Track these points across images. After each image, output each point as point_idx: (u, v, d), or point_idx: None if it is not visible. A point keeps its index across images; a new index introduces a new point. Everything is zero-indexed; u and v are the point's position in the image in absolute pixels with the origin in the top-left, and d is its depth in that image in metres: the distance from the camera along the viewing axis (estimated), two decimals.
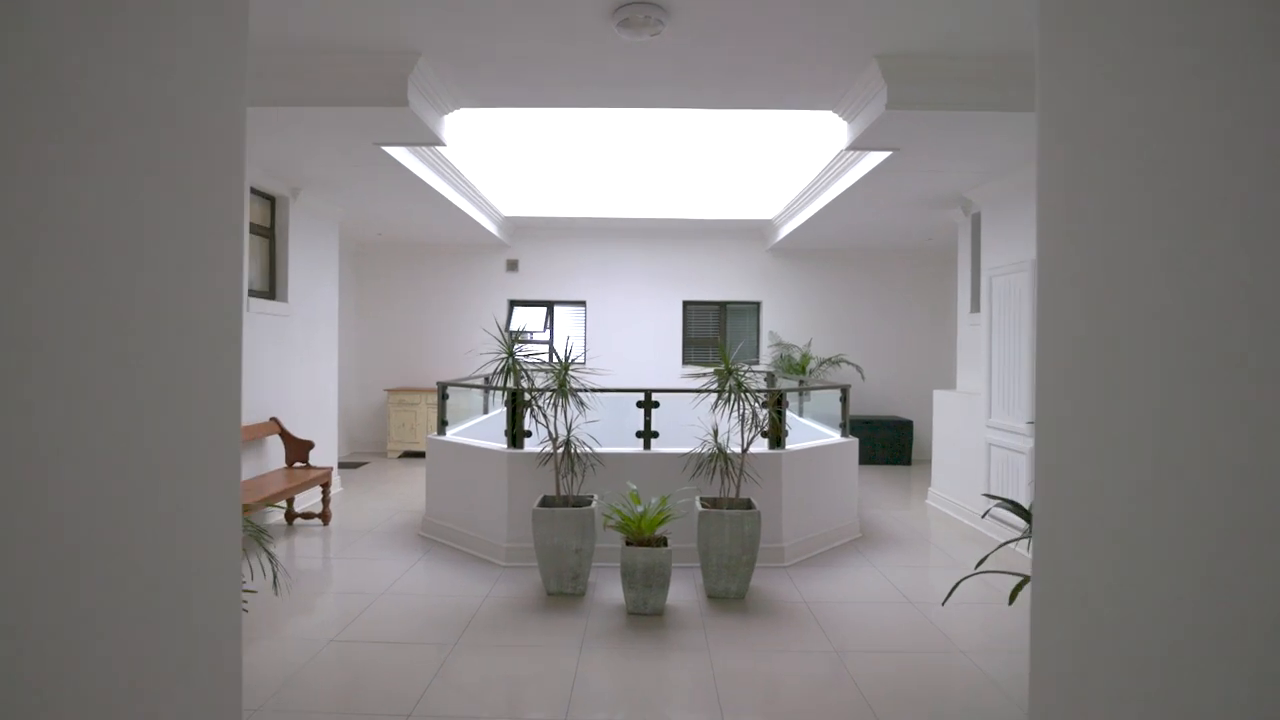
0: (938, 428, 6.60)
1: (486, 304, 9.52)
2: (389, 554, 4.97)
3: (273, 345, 5.79)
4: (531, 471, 4.62)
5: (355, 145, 4.74)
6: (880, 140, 4.49)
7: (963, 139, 4.45)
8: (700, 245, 9.50)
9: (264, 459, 5.69)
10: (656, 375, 9.35)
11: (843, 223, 7.71)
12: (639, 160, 8.72)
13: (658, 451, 4.77)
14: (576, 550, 4.07)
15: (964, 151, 4.74)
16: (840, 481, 5.33)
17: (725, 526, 4.04)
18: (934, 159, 4.93)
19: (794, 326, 9.52)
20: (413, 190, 6.22)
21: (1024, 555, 4.18)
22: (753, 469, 4.57)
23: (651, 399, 4.82)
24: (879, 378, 9.33)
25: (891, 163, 5.04)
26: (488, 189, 7.98)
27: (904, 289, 9.51)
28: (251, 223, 5.65)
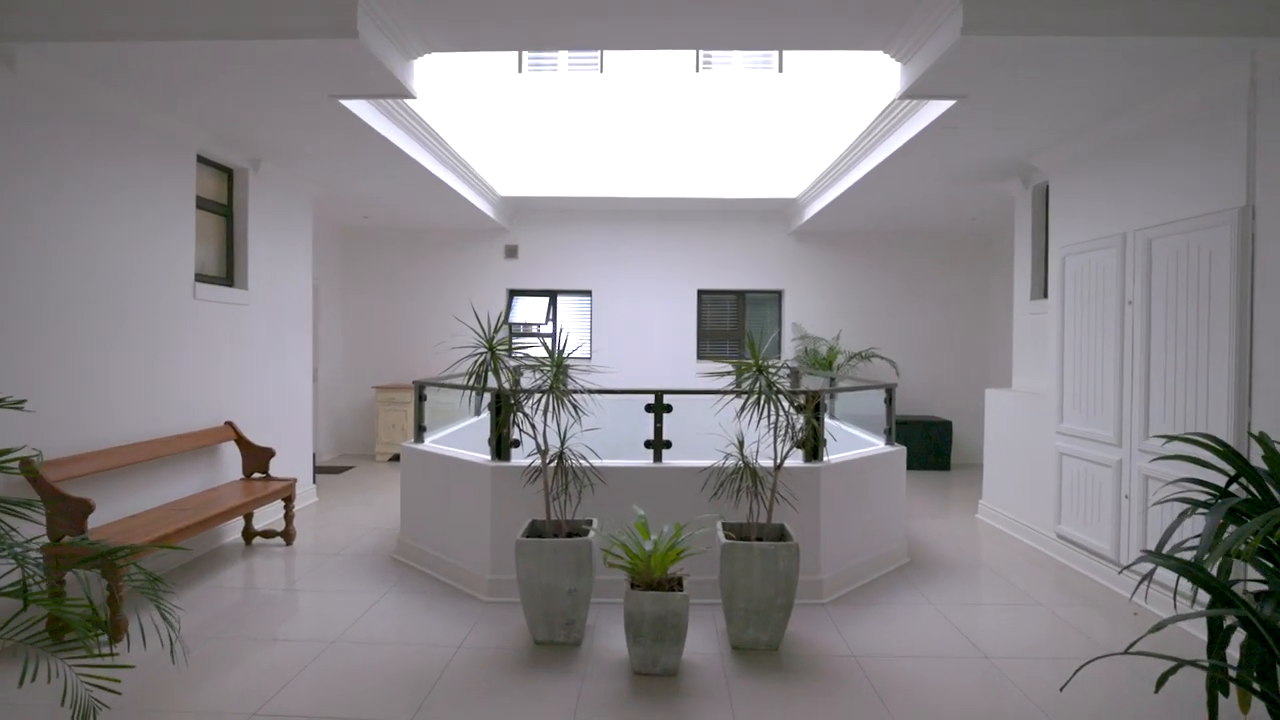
0: (990, 432, 5.75)
1: (484, 294, 8.75)
2: (355, 583, 4.23)
3: (228, 338, 5.04)
4: (519, 489, 3.84)
5: (309, 98, 3.96)
6: (943, 84, 3.65)
7: (1045, 81, 3.60)
8: (717, 228, 8.67)
9: (217, 469, 4.95)
10: (668, 371, 8.56)
11: (876, 202, 6.86)
12: (649, 134, 7.90)
13: (671, 465, 3.98)
14: (570, 591, 3.29)
15: (1042, 100, 3.89)
16: (886, 498, 4.52)
17: (755, 563, 3.24)
18: (1003, 112, 4.08)
19: (819, 317, 8.68)
20: (392, 163, 5.45)
21: (1187, 633, 3.38)
22: (786, 487, 3.77)
23: (663, 402, 4.03)
24: (914, 374, 8.47)
25: (949, 119, 4.19)
26: (483, 166, 7.20)
27: (942, 276, 8.64)
28: (202, 197, 4.90)
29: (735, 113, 7.85)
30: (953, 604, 3.93)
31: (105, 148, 3.92)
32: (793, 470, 3.87)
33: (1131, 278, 4.04)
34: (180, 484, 4.57)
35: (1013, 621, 3.70)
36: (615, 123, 7.90)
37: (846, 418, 5.65)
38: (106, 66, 3.52)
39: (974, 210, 7.11)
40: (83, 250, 3.79)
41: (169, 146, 4.40)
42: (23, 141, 3.43)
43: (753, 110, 7.84)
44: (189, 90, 3.84)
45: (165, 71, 3.59)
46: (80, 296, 3.77)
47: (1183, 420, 3.62)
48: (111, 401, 4.00)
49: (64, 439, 3.68)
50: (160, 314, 4.37)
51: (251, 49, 3.31)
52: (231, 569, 4.45)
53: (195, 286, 4.67)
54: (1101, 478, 4.25)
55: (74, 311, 3.74)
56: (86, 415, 3.82)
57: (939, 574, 4.44)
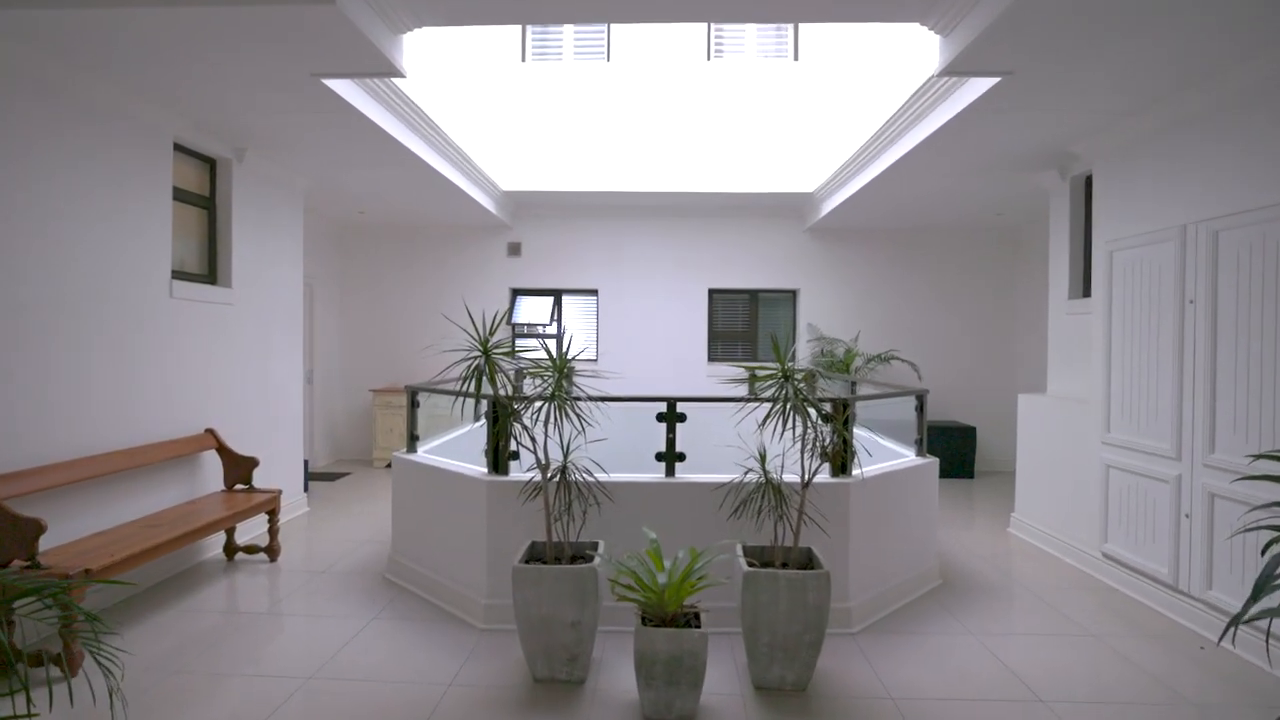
0: (1024, 440, 5.37)
1: (486, 293, 8.42)
2: (340, 607, 3.89)
3: (210, 339, 4.72)
4: (518, 506, 3.50)
5: (290, 78, 3.63)
6: (989, 59, 3.28)
7: (1109, 49, 3.23)
8: (729, 224, 8.31)
9: (197, 480, 4.63)
10: (677, 374, 8.21)
11: (898, 197, 6.49)
12: (658, 126, 7.54)
13: (685, 480, 3.63)
14: (573, 624, 2.94)
15: (1099, 75, 3.51)
16: (918, 515, 4.15)
17: (781, 594, 2.88)
18: (1050, 91, 3.70)
19: (836, 318, 8.30)
20: (386, 153, 5.12)
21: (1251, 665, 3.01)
22: (814, 506, 3.41)
23: (676, 410, 3.67)
24: (936, 377, 8.09)
25: (987, 102, 3.83)
26: (484, 159, 6.86)
27: (966, 274, 8.25)
28: (181, 188, 4.58)
29: (748, 103, 7.49)
30: (995, 634, 3.56)
31: (66, 132, 3.59)
32: (818, 486, 3.50)
33: (1194, 274, 3.66)
34: (156, 497, 4.25)
35: (1065, 656, 3.32)
36: (623, 114, 7.55)
37: (866, 424, 5.28)
38: (58, 38, 3.19)
39: (1002, 205, 6.73)
40: (41, 246, 3.46)
41: (141, 132, 4.07)
42: None
43: (767, 100, 7.48)
44: (155, 67, 3.51)
45: (126, 44, 3.26)
46: (40, 297, 3.44)
47: (1257, 434, 3.24)
48: (77, 409, 3.67)
49: (22, 451, 3.36)
50: (133, 314, 4.04)
51: (220, 19, 2.97)
52: (209, 589, 4.12)
53: (172, 284, 4.35)
54: (1156, 494, 3.87)
55: (32, 313, 3.42)
56: (47, 425, 3.49)
57: (976, 597, 4.06)
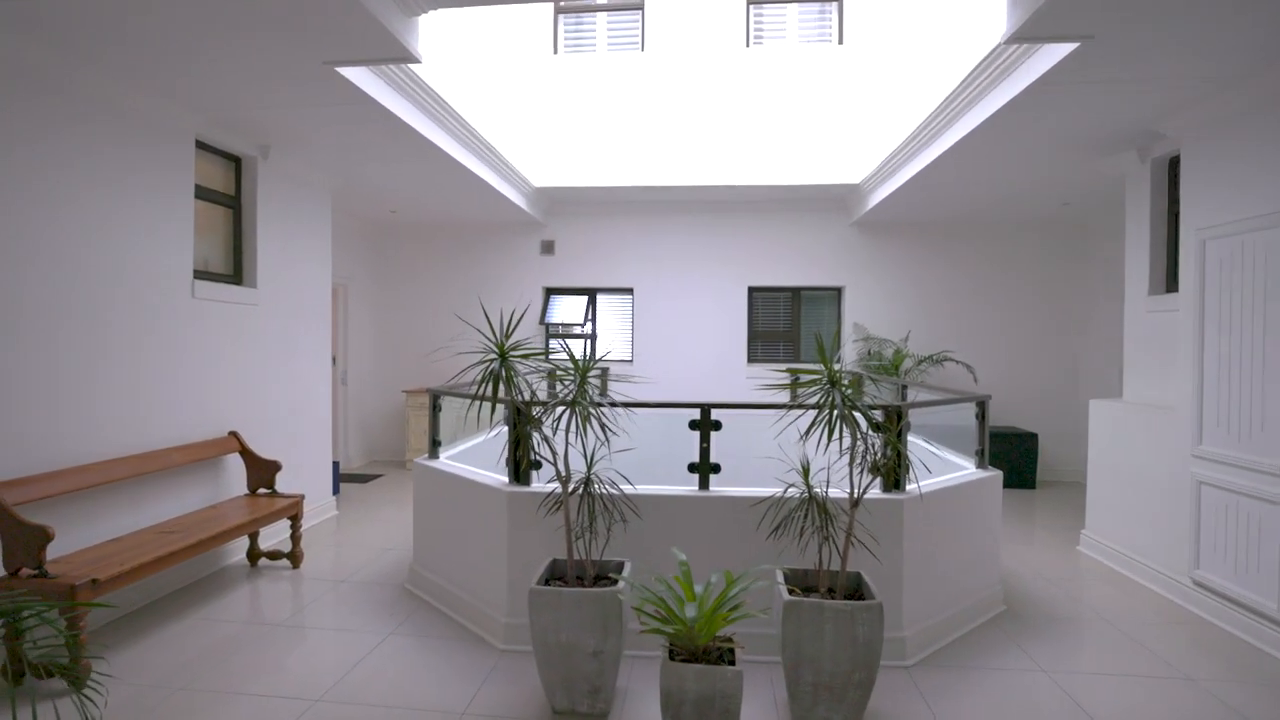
0: (1096, 450, 4.89)
1: (519, 293, 8.25)
2: (357, 618, 3.72)
3: (233, 340, 4.62)
4: (540, 519, 3.26)
5: (303, 67, 3.46)
6: (1066, 21, 2.89)
7: (1200, 10, 2.81)
8: (770, 219, 7.94)
9: (220, 484, 4.53)
10: (716, 376, 7.89)
11: (952, 187, 6.04)
12: (695, 117, 7.22)
13: (720, 494, 3.32)
14: (595, 653, 2.68)
15: (1188, 41, 3.08)
16: (980, 534, 3.76)
17: (826, 628, 2.56)
18: (1138, 57, 3.28)
19: (884, 317, 7.85)
20: (410, 149, 4.95)
21: None
22: (863, 526, 3.07)
23: (710, 417, 3.37)
24: (993, 380, 7.57)
25: (1062, 73, 3.42)
26: (515, 155, 6.67)
27: (1027, 270, 7.70)
28: (205, 187, 4.49)
29: (790, 91, 7.13)
30: (1069, 671, 3.15)
31: (84, 132, 3.50)
32: (869, 503, 3.16)
33: None
34: (178, 501, 4.15)
35: (1156, 703, 2.90)
36: (658, 106, 7.27)
37: (919, 431, 4.86)
38: (65, 31, 3.08)
39: (1070, 193, 6.21)
40: (57, 245, 3.36)
41: (161, 129, 3.97)
42: None
43: (810, 87, 7.10)
44: (163, 61, 3.37)
45: (133, 37, 3.12)
46: (55, 297, 3.35)
47: None
48: (93, 412, 3.58)
49: (35, 456, 3.27)
50: (153, 315, 3.95)
51: (223, 6, 2.81)
52: (228, 596, 4.00)
53: (194, 284, 4.25)
54: (1262, 515, 3.40)
55: (48, 314, 3.32)
56: (61, 429, 3.40)
57: (1045, 627, 3.65)
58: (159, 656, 3.25)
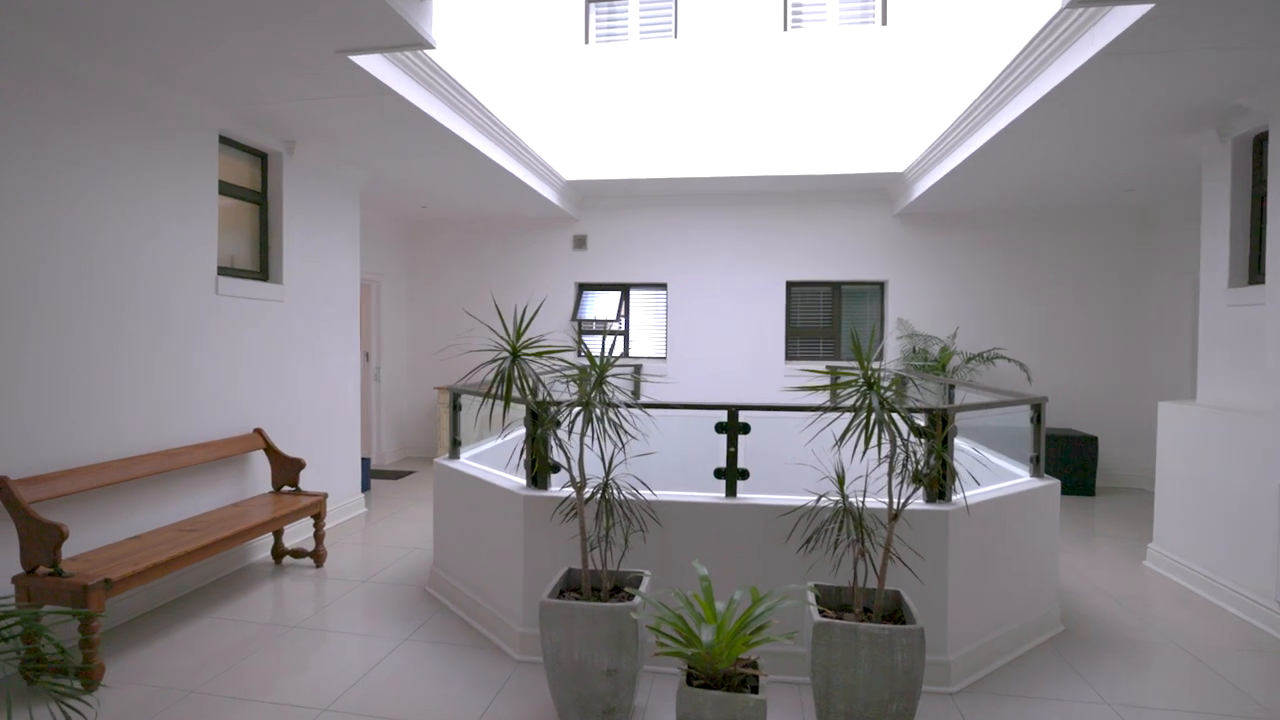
0: (1166, 457, 4.49)
1: (551, 288, 8.13)
2: (375, 623, 3.62)
3: (259, 337, 4.59)
4: (557, 525, 3.10)
5: (313, 56, 3.36)
6: None
7: None
8: (809, 211, 7.63)
9: (246, 481, 4.51)
10: (753, 373, 7.63)
11: (1004, 173, 5.66)
12: (731, 105, 6.96)
13: (747, 501, 3.11)
14: (609, 672, 2.50)
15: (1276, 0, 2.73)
16: (1035, 548, 3.45)
17: (861, 653, 2.33)
18: (1217, 22, 2.93)
19: (930, 313, 7.47)
20: (435, 142, 4.84)
21: None
22: (902, 540, 2.82)
23: (738, 420, 3.15)
24: (1048, 380, 7.13)
25: (1132, 39, 3.08)
26: (546, 147, 6.53)
27: (1085, 262, 7.22)
28: (231, 183, 4.47)
29: (830, 76, 6.81)
30: (1139, 707, 2.84)
31: (104, 127, 3.48)
32: (910, 514, 2.91)
33: None
34: (202, 498, 4.14)
35: None
36: (692, 95, 7.05)
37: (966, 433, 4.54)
38: (81, 26, 3.03)
39: (1134, 178, 5.76)
40: (77, 241, 3.35)
41: (183, 124, 3.94)
42: (5, 121, 3.00)
43: (851, 72, 6.78)
44: (177, 52, 3.31)
45: (144, 29, 3.07)
46: (76, 294, 3.34)
47: None
48: (115, 410, 3.56)
49: (58, 453, 3.26)
50: (176, 312, 3.92)
51: None
52: (248, 596, 3.96)
53: (218, 280, 4.23)
54: None
55: (68, 311, 3.31)
56: (83, 426, 3.39)
57: (1108, 651, 3.33)
58: (173, 658, 3.21)
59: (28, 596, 2.94)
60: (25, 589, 2.93)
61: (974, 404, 3.39)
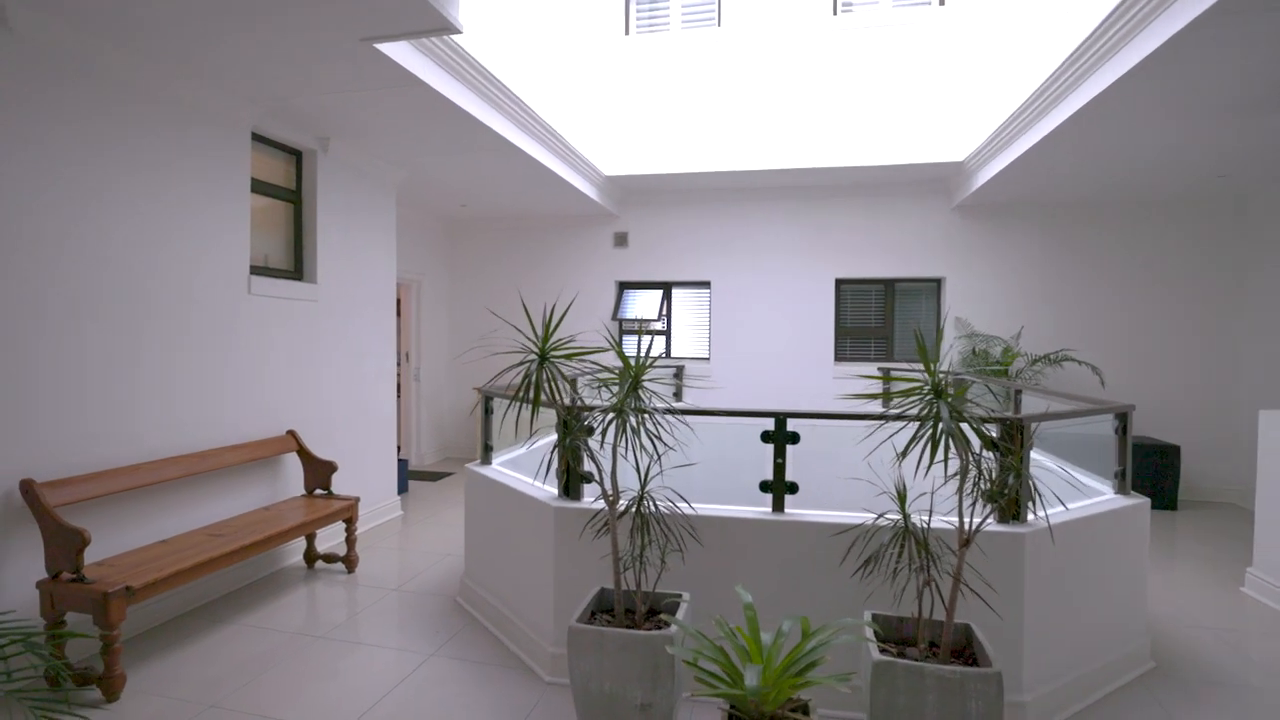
0: (1269, 472, 4.02)
1: (591, 287, 7.96)
2: (402, 635, 3.48)
3: (292, 337, 4.52)
4: (590, 540, 2.89)
5: (338, 45, 3.23)
6: None
7: None
8: (860, 204, 7.26)
9: (279, 483, 4.45)
10: (801, 375, 7.31)
11: (1077, 159, 5.22)
12: (777, 95, 6.64)
13: (796, 518, 2.84)
14: (643, 706, 2.28)
15: None
16: (1122, 575, 3.08)
17: (928, 698, 2.05)
18: None
19: (991, 311, 7.01)
20: (463, 133, 4.70)
21: None
22: (973, 562, 2.52)
23: (786, 428, 2.88)
24: (1124, 383, 6.60)
25: None
26: (584, 142, 6.36)
27: (1167, 256, 6.66)
28: (266, 181, 4.41)
29: (884, 61, 6.44)
30: None
31: (131, 123, 3.42)
32: (981, 536, 2.59)
33: None
34: (235, 500, 4.08)
35: None
36: (737, 84, 6.77)
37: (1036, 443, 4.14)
38: (108, 20, 2.96)
39: (1229, 161, 5.23)
40: (108, 242, 3.30)
41: (214, 121, 3.88)
42: (26, 116, 2.95)
43: (906, 56, 6.39)
44: (200, 43, 3.22)
45: (164, 20, 2.98)
46: (102, 294, 3.29)
47: None
48: (144, 411, 3.51)
49: (88, 455, 3.21)
50: (207, 312, 3.87)
51: None
52: (278, 601, 3.88)
53: (251, 280, 4.16)
54: None
55: (94, 312, 3.26)
56: (111, 428, 3.34)
57: (1205, 692, 2.94)
58: (198, 666, 3.12)
59: (51, 602, 2.88)
60: (49, 594, 2.87)
61: (1056, 414, 3.04)
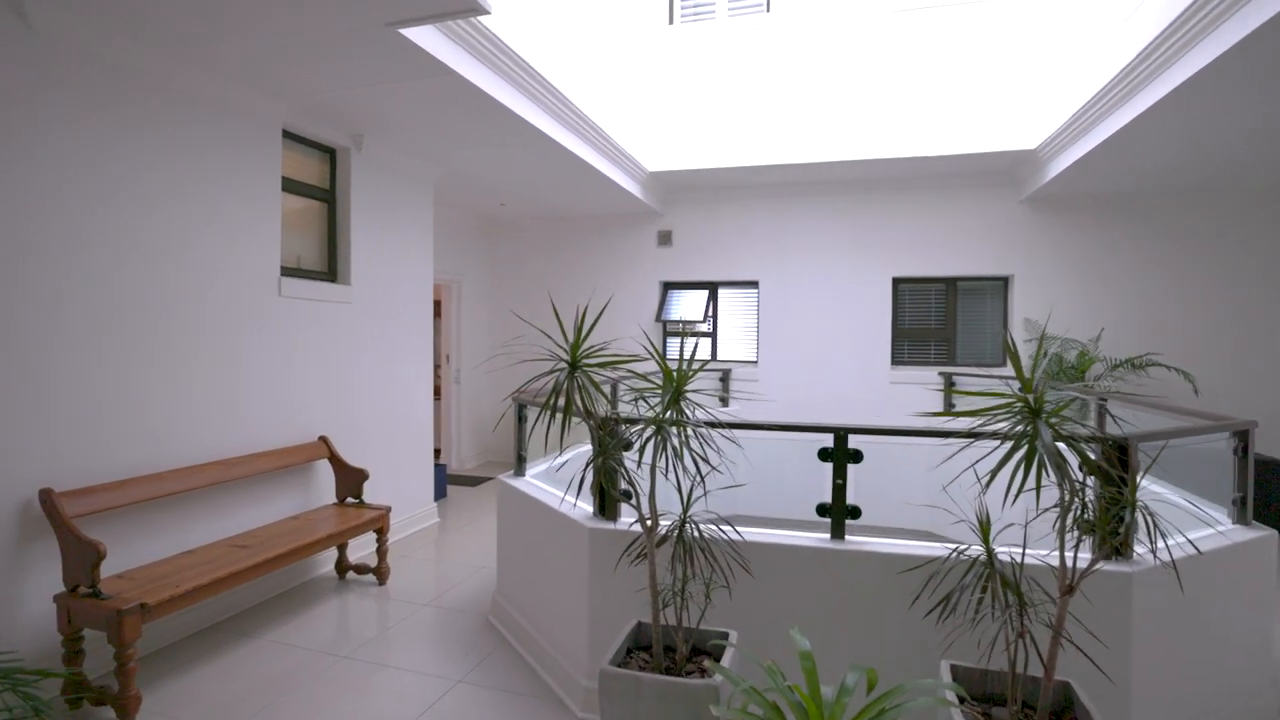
0: None
1: (634, 287, 7.71)
2: (431, 655, 3.28)
3: (324, 340, 4.40)
4: (628, 566, 2.62)
5: (363, 32, 3.05)
6: None
7: None
8: (919, 198, 6.81)
9: (311, 490, 4.33)
10: (855, 380, 6.90)
11: (1174, 142, 4.70)
12: (829, 83, 6.25)
13: (860, 547, 2.50)
14: None
15: None
16: (1244, 618, 2.64)
17: None
18: None
19: (1065, 312, 6.46)
20: (503, 129, 4.51)
21: None
22: (1073, 606, 2.15)
23: (846, 445, 2.56)
24: (1219, 392, 5.99)
25: None
26: (626, 136, 6.10)
27: (1268, 251, 6.01)
28: (298, 180, 4.30)
29: (944, 43, 6.00)
30: None
31: (150, 119, 3.32)
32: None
33: None
34: (265, 508, 3.97)
35: None
36: (787, 74, 6.41)
37: None
38: (122, 9, 2.85)
39: None
40: (132, 242, 3.20)
41: (242, 118, 3.77)
42: (45, 113, 2.85)
43: (969, 37, 5.94)
44: (221, 33, 3.09)
45: (183, 8, 2.84)
46: (127, 296, 3.19)
47: None
48: (175, 416, 3.41)
49: (113, 462, 3.11)
50: (235, 314, 3.75)
51: None
52: (306, 615, 3.74)
53: (281, 281, 4.05)
54: None
55: (119, 314, 3.16)
56: (135, 435, 3.23)
57: None
58: (217, 685, 2.98)
59: (68, 617, 2.77)
60: (65, 609, 2.77)
61: (1167, 432, 2.63)
